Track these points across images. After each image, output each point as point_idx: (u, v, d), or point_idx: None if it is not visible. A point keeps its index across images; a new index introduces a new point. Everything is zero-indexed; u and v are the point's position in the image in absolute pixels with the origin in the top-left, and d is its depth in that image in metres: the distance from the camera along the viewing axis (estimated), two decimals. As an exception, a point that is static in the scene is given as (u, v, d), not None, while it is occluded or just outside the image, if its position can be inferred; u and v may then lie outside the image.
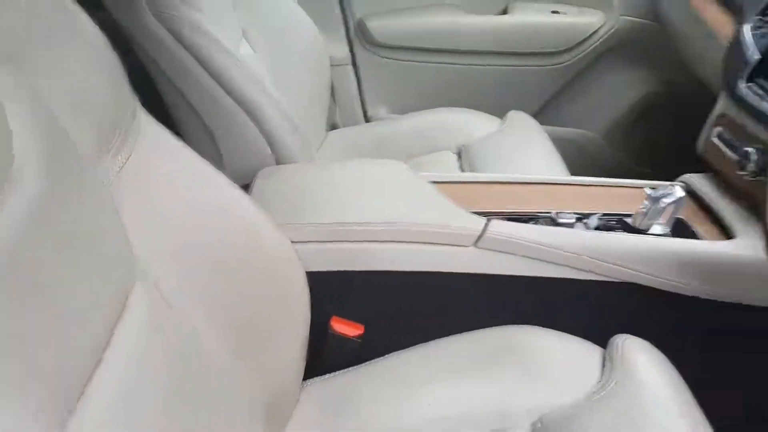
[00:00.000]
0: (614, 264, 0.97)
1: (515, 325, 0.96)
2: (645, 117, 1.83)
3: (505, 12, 1.75)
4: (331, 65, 1.67)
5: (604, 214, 1.07)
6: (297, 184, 1.09)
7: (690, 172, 1.79)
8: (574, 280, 0.99)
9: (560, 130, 1.82)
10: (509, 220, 1.04)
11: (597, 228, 1.04)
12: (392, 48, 1.76)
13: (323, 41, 1.59)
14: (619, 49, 1.77)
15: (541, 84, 1.81)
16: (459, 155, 1.52)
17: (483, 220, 0.99)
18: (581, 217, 1.06)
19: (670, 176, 1.78)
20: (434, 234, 0.97)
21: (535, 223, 1.04)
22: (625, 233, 1.02)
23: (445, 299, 1.00)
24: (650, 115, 1.83)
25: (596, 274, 0.98)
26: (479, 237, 0.98)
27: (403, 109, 1.74)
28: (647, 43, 1.74)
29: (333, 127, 1.73)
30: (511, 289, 0.99)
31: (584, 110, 1.86)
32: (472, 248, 0.98)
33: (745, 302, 0.97)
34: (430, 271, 0.98)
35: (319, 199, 1.03)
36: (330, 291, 0.96)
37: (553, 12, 1.74)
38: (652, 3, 1.68)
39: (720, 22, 1.28)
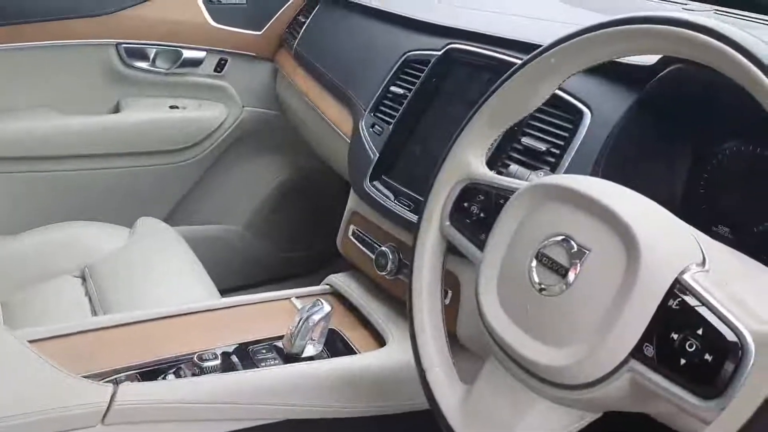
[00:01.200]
0: (268, 404, 0.86)
1: None
2: (283, 203, 1.82)
3: (117, 110, 1.58)
4: None
5: (254, 342, 0.96)
6: None
7: (333, 254, 1.86)
8: (230, 433, 0.85)
9: (199, 229, 1.71)
10: (144, 375, 0.87)
11: (246, 363, 0.92)
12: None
13: None
14: (247, 139, 1.72)
15: (170, 184, 1.67)
16: (83, 278, 1.29)
17: (109, 387, 0.80)
18: (228, 353, 0.93)
19: (317, 259, 1.85)
20: (44, 422, 0.75)
21: (176, 374, 0.88)
22: (277, 363, 0.92)
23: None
24: (288, 201, 1.82)
25: (252, 419, 0.86)
26: (107, 411, 0.78)
27: (7, 229, 1.43)
28: (276, 132, 1.73)
29: None
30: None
31: (222, 204, 1.77)
32: (100, 427, 0.78)
33: (414, 409, 0.94)
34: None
35: None
36: None
37: (172, 107, 1.62)
38: (276, 94, 1.67)
39: (339, 118, 1.28)
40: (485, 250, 0.65)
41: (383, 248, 1.03)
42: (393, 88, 1.14)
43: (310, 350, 0.94)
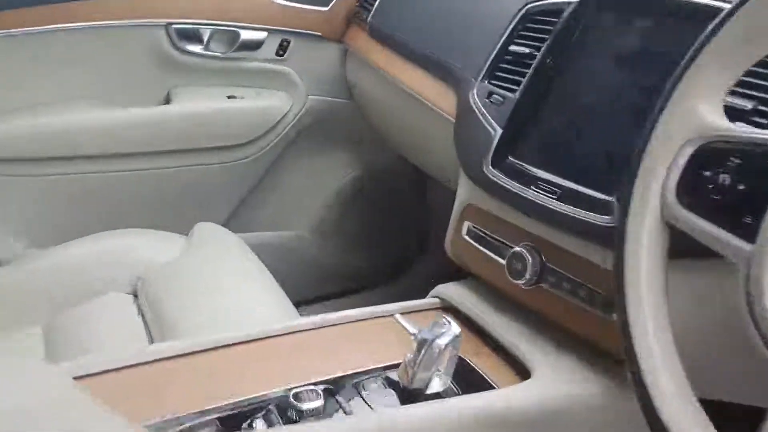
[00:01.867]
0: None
1: None
2: (356, 203, 1.62)
3: (167, 101, 1.40)
4: None
5: (360, 374, 0.74)
6: None
7: (418, 259, 1.66)
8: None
9: (261, 236, 1.53)
10: (224, 421, 0.66)
11: (356, 404, 0.69)
12: (12, 161, 1.28)
13: None
14: (313, 133, 1.53)
15: (230, 184, 1.48)
16: (135, 295, 1.12)
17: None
18: (331, 389, 0.71)
19: (397, 266, 1.67)
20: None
21: (266, 419, 0.66)
22: (395, 402, 0.70)
23: None
24: (362, 200, 1.63)
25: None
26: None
27: (49, 240, 1.27)
28: (346, 123, 1.53)
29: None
30: None
31: (286, 207, 1.59)
32: (169, 500, 0.57)
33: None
34: None
35: None
36: None
37: (229, 97, 1.43)
38: (346, 79, 1.48)
39: (435, 94, 1.06)
40: (762, 237, 0.42)
41: (518, 249, 0.80)
42: (513, 48, 0.91)
43: (435, 384, 0.72)
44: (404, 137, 1.30)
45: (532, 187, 0.80)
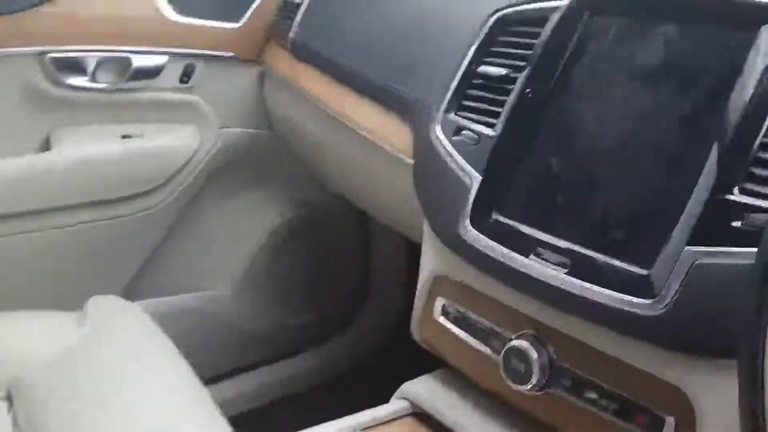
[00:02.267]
0: None
1: None
2: (284, 254, 1.45)
3: (47, 147, 1.19)
4: None
5: None
6: None
7: (358, 315, 1.49)
8: None
9: (172, 301, 1.34)
10: None
11: None
12: None
13: None
14: (230, 172, 1.35)
15: (130, 243, 1.29)
16: (9, 400, 0.92)
17: None
18: None
19: (334, 323, 1.50)
20: None
21: None
22: None
23: None
24: (289, 250, 1.45)
25: None
26: None
27: None
28: (267, 158, 1.36)
29: None
30: None
31: (201, 263, 1.40)
32: None
33: None
34: None
35: None
36: None
37: (125, 137, 1.23)
38: (266, 106, 1.29)
39: (384, 128, 0.85)
40: None
41: (516, 342, 0.60)
42: (484, 69, 0.72)
43: None
44: (344, 178, 1.10)
45: (532, 256, 0.60)
